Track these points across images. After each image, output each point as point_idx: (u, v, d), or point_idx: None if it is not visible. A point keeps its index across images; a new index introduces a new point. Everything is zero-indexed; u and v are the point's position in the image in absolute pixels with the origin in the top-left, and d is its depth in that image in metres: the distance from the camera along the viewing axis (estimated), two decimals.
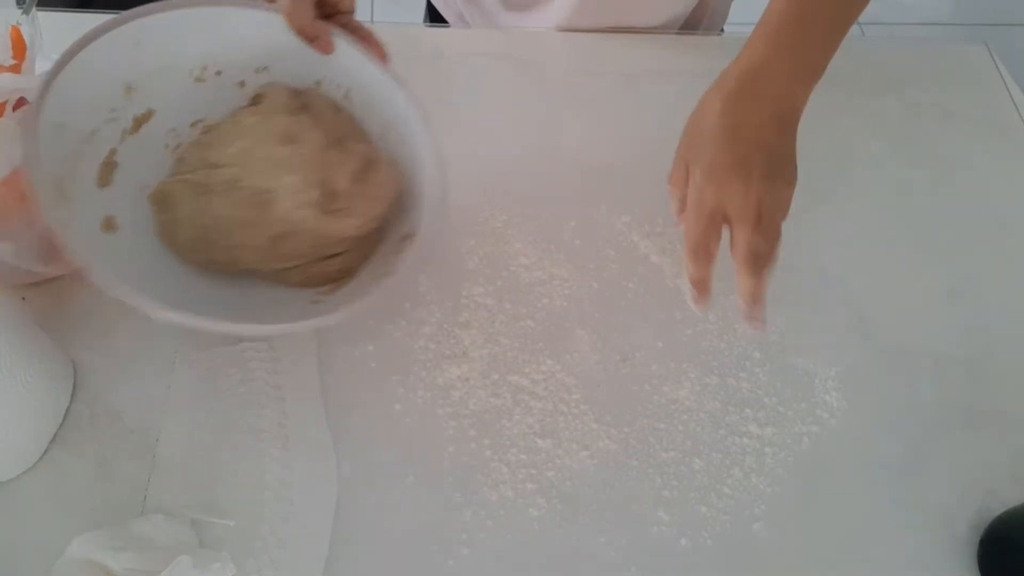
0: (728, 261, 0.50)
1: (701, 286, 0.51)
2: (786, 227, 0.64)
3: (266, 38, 0.53)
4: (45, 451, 0.50)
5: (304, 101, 0.54)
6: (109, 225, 0.50)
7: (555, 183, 0.65)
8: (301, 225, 0.50)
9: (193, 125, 0.55)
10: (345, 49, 0.54)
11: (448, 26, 0.88)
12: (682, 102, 0.55)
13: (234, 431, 0.51)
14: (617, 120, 0.70)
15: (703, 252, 0.51)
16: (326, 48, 0.53)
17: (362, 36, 0.55)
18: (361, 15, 0.54)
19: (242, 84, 0.55)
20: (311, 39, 0.53)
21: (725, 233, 0.51)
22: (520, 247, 0.61)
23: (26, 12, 0.52)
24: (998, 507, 0.51)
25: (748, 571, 0.49)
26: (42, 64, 0.53)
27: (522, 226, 0.63)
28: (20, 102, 0.49)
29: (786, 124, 0.53)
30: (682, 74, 0.72)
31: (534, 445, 0.52)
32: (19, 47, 0.50)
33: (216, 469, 0.50)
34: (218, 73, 0.54)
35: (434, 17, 0.92)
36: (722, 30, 0.87)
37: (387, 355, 0.55)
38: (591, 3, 0.74)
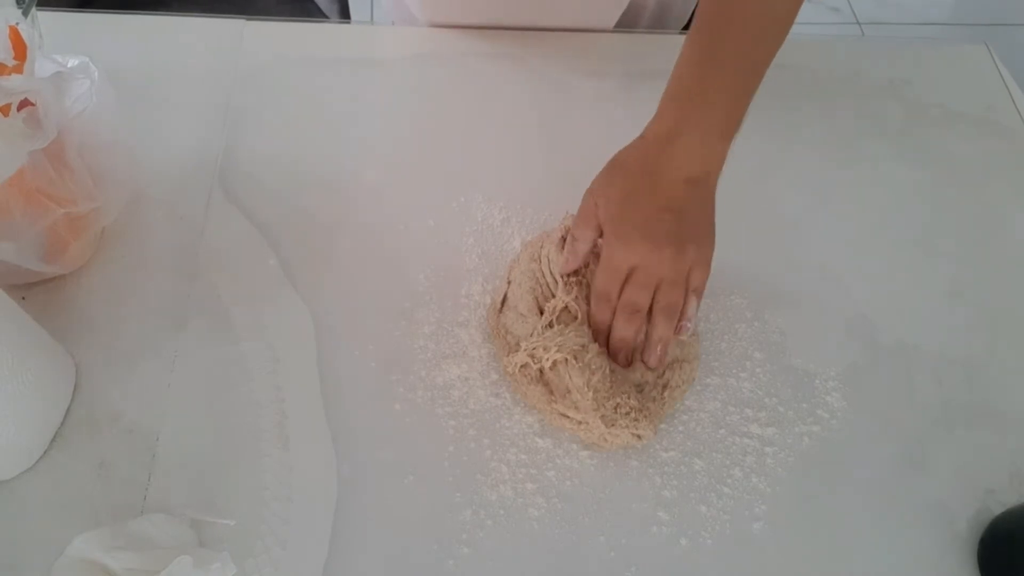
0: (728, 266, 0.50)
1: (599, 329, 0.54)
2: (787, 227, 0.65)
3: None
4: (45, 451, 0.50)
5: None
6: None
7: (553, 181, 0.65)
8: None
9: None
10: None
11: (448, 27, 0.88)
12: None
13: (234, 431, 0.51)
14: (616, 119, 0.70)
15: (604, 299, 0.53)
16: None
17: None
18: (361, 15, 0.54)
19: None
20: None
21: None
22: (519, 245, 0.61)
23: (26, 12, 0.52)
24: (998, 507, 0.51)
25: (748, 571, 0.49)
26: (42, 64, 0.53)
27: (520, 224, 0.63)
28: (24, 103, 0.49)
29: (699, 186, 0.52)
30: None
31: (534, 445, 0.52)
32: (19, 47, 0.50)
33: (216, 469, 0.50)
34: None
35: None
36: None
37: (387, 355, 0.55)
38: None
